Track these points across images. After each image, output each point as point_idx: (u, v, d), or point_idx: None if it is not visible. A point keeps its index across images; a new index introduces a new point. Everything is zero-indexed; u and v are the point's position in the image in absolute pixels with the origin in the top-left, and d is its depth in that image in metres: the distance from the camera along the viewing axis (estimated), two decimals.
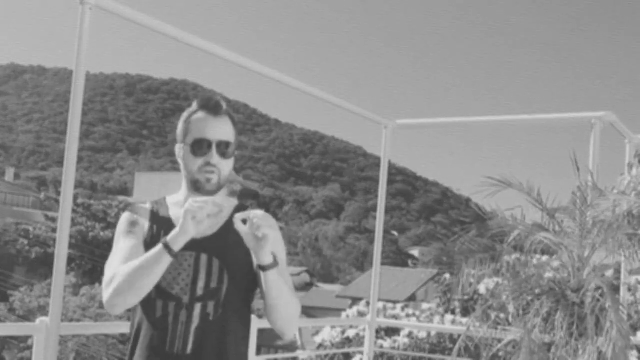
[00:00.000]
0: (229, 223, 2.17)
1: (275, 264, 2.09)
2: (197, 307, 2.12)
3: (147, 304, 2.15)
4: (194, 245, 2.15)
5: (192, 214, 2.00)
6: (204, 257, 2.15)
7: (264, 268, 2.08)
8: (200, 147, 2.20)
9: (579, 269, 3.58)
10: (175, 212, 2.25)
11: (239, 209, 2.29)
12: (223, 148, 2.21)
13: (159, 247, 2.03)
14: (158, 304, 2.13)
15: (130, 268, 2.05)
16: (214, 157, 2.20)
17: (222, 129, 2.22)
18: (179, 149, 2.27)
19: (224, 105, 2.25)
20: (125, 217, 2.28)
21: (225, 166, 2.23)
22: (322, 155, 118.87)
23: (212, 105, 2.23)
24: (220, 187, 2.23)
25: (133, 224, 2.24)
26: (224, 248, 2.18)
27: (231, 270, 2.15)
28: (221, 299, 2.13)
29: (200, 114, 2.23)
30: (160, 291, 2.13)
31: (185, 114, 2.27)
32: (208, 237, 2.19)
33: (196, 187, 2.22)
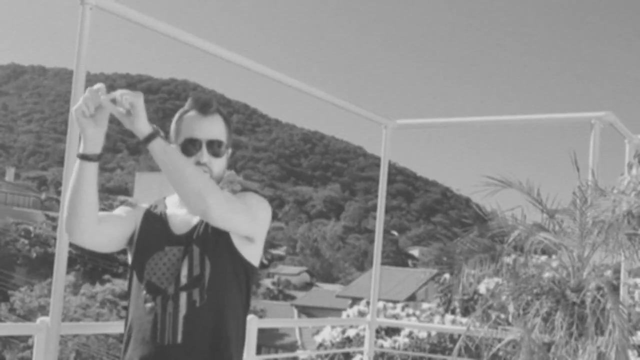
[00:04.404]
0: None
1: (156, 132, 2.02)
2: (183, 296, 2.13)
3: (137, 299, 2.18)
4: (179, 240, 2.18)
5: (80, 112, 2.00)
6: (190, 250, 2.17)
7: (145, 140, 2.01)
8: (190, 147, 2.21)
9: (579, 269, 3.58)
10: (171, 210, 2.28)
11: None
12: (214, 147, 2.23)
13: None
14: (147, 298, 2.15)
15: (70, 183, 2.09)
16: (205, 156, 2.21)
17: (212, 128, 2.23)
18: None
19: (214, 104, 2.26)
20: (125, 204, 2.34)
21: (217, 164, 2.24)
22: (322, 155, 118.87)
23: (201, 104, 2.24)
24: None
25: (128, 205, 2.31)
26: (203, 235, 2.18)
27: (212, 256, 2.15)
28: (205, 285, 2.14)
29: (190, 114, 2.25)
30: (149, 286, 2.16)
31: (177, 114, 2.30)
32: (190, 229, 2.21)
33: None
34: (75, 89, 2.82)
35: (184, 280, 2.14)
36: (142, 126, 1.99)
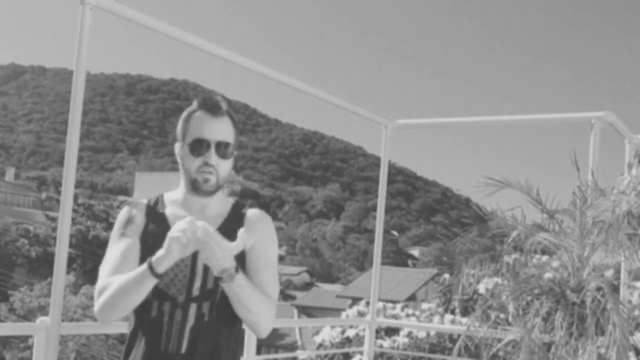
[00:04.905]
0: (226, 223, 2.19)
1: (237, 268, 2.05)
2: (193, 307, 2.12)
3: (143, 303, 2.14)
4: None
5: (177, 240, 1.96)
6: (201, 259, 2.13)
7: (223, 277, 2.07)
8: (198, 147, 2.19)
9: (579, 269, 3.58)
10: (170, 210, 2.25)
11: (236, 208, 2.30)
12: (222, 148, 2.20)
13: (143, 267, 2.02)
14: (154, 304, 2.13)
15: (117, 284, 2.06)
16: (213, 157, 2.18)
17: (221, 130, 2.21)
18: (178, 148, 2.26)
19: (224, 106, 2.24)
20: (121, 214, 2.27)
21: (224, 166, 2.22)
22: (322, 155, 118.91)
23: (211, 105, 2.22)
24: (218, 187, 2.23)
25: (128, 222, 2.24)
26: None
27: None
28: (217, 300, 2.13)
29: (200, 114, 2.22)
30: (156, 291, 2.12)
31: (185, 113, 2.26)
32: None
33: (194, 187, 2.21)
34: (75, 89, 2.82)
35: (196, 292, 2.13)
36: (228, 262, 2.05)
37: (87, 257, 35.58)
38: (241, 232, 2.03)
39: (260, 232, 2.25)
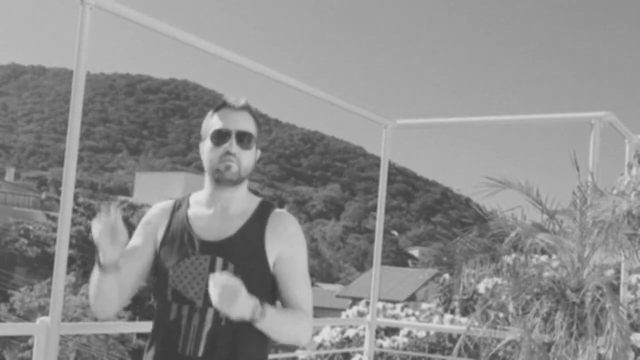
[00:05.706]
0: (249, 223, 2.19)
1: (262, 314, 2.06)
2: (210, 311, 2.13)
3: (163, 306, 2.18)
4: (210, 249, 2.17)
5: (93, 226, 2.09)
6: (219, 262, 2.15)
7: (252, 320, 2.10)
8: (220, 136, 2.23)
9: (579, 269, 3.58)
10: (194, 211, 2.27)
11: (263, 207, 2.30)
12: (243, 139, 2.24)
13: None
14: (173, 306, 2.16)
15: (90, 286, 2.24)
16: (234, 146, 2.21)
17: (242, 121, 2.25)
18: (202, 146, 2.30)
19: (244, 101, 2.29)
20: (147, 213, 2.35)
21: (245, 156, 2.25)
22: (322, 155, 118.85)
23: (231, 101, 2.28)
24: (240, 177, 2.24)
25: (146, 223, 2.31)
26: (240, 253, 2.17)
27: (246, 276, 2.10)
28: None
29: (221, 110, 2.28)
30: (175, 294, 2.16)
31: (209, 112, 2.32)
32: (225, 239, 2.19)
33: (217, 176, 2.23)
34: (75, 89, 2.81)
35: None
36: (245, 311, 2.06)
37: (87, 257, 35.55)
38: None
39: (286, 240, 2.25)
